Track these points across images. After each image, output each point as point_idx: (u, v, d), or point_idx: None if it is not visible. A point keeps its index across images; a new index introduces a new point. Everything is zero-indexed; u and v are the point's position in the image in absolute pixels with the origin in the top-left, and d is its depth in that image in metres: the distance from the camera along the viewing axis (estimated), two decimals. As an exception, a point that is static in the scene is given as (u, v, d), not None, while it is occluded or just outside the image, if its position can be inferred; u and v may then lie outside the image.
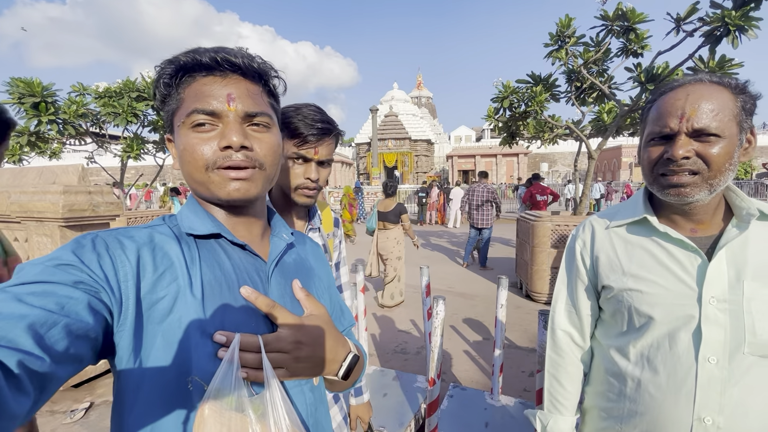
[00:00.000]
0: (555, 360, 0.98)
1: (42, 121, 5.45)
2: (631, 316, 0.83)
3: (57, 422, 2.52)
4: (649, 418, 0.78)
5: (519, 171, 32.37)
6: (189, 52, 0.56)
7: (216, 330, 0.53)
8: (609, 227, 0.89)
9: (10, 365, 0.35)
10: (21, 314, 0.38)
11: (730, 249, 0.75)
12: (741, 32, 3.61)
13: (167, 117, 0.60)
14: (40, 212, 2.83)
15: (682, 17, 4.10)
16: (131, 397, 0.50)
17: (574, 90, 5.66)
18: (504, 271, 6.77)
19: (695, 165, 0.71)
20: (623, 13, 4.66)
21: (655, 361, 0.78)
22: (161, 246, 0.55)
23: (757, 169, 30.47)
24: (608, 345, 0.89)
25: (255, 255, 0.63)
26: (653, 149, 0.77)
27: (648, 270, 0.81)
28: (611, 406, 0.87)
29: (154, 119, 7.08)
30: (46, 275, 0.44)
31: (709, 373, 0.72)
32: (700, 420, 0.72)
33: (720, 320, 0.73)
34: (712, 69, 4.08)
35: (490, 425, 2.15)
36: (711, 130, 0.69)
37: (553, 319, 1.00)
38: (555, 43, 5.26)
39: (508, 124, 6.44)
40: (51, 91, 5.54)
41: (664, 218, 0.83)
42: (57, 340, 0.40)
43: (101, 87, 6.31)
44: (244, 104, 0.57)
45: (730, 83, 0.73)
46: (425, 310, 2.57)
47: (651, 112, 0.79)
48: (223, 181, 0.57)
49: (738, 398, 0.71)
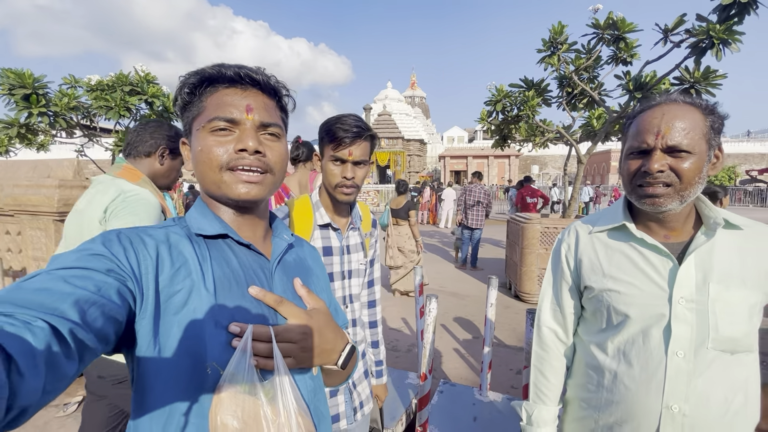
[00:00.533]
0: (540, 354, 1.05)
1: (33, 113, 5.37)
2: (609, 315, 0.90)
3: (50, 415, 2.53)
4: (624, 407, 0.85)
5: (510, 173, 32.70)
6: (215, 66, 0.62)
7: (227, 321, 0.58)
8: (592, 232, 0.97)
9: (64, 333, 0.40)
10: (68, 292, 0.44)
11: (699, 254, 0.82)
12: (725, 45, 3.75)
13: (187, 122, 0.65)
14: (35, 206, 2.82)
15: (670, 28, 4.24)
16: (151, 381, 0.55)
17: (565, 95, 5.78)
18: (494, 271, 6.88)
19: (669, 178, 0.79)
20: (614, 22, 4.79)
21: (630, 355, 0.85)
22: (176, 244, 0.60)
23: (740, 175, 31.27)
24: (589, 341, 0.96)
25: (259, 253, 0.68)
26: (632, 162, 0.84)
27: (625, 272, 0.88)
28: (590, 397, 0.94)
29: (147, 113, 7.02)
30: (83, 262, 0.49)
31: (677, 366, 0.80)
32: (668, 408, 0.80)
33: (688, 318, 0.80)
34: (697, 79, 4.23)
35: (478, 419, 2.22)
36: (683, 147, 0.77)
37: (539, 316, 1.06)
38: (548, 49, 5.37)
39: (500, 127, 6.55)
40: (42, 83, 5.46)
41: (641, 225, 0.90)
42: (96, 317, 0.45)
43: (93, 80, 6.23)
44: (260, 115, 0.63)
45: (700, 104, 0.81)
46: (417, 308, 2.64)
47: (631, 127, 0.86)
48: (234, 182, 0.62)
49: (701, 388, 0.79)
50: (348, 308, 1.27)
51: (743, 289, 0.80)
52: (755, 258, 0.82)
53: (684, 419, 0.79)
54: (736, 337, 0.79)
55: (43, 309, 0.40)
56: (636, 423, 0.84)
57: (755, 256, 0.82)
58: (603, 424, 0.90)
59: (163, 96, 6.88)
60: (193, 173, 0.67)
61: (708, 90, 4.33)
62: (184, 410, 0.55)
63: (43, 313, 0.40)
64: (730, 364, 0.80)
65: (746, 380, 0.81)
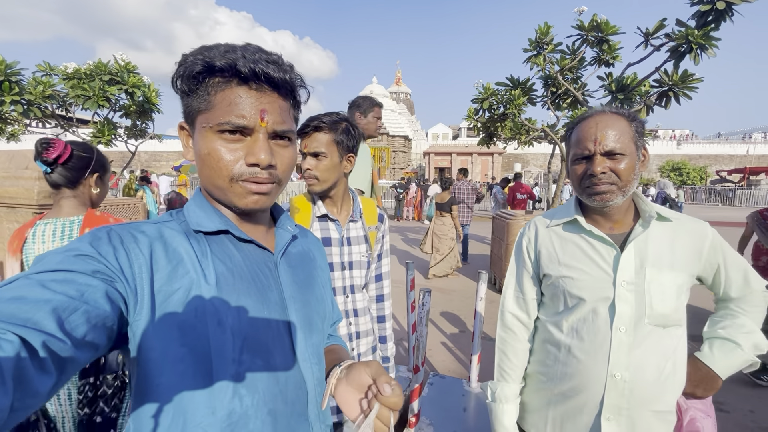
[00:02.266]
0: (503, 338, 1.15)
1: (5, 101, 5.13)
2: (565, 298, 1.01)
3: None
4: (576, 377, 0.97)
5: (493, 170, 33.18)
6: (226, 55, 0.55)
7: (232, 319, 0.55)
8: (549, 226, 1.09)
9: (35, 345, 0.37)
10: (45, 299, 0.40)
11: (637, 243, 0.95)
12: (702, 50, 3.92)
13: (189, 110, 0.59)
14: (12, 198, 2.71)
15: (651, 32, 4.39)
16: (152, 381, 0.52)
17: (550, 95, 5.92)
18: (479, 267, 7.00)
19: (610, 178, 0.92)
20: (598, 24, 4.92)
21: (582, 332, 0.97)
22: (170, 242, 0.57)
23: (711, 175, 32.66)
24: (547, 320, 1.08)
25: (262, 248, 0.65)
26: (578, 167, 0.97)
27: (577, 260, 1.00)
28: (547, 370, 1.05)
29: (126, 104, 6.80)
30: (66, 264, 0.45)
31: (620, 339, 0.92)
32: (612, 376, 0.92)
33: (628, 299, 0.93)
34: (675, 82, 4.40)
35: (467, 410, 2.28)
36: (617, 150, 0.90)
37: (503, 303, 1.17)
38: (534, 48, 5.48)
39: (486, 125, 6.65)
40: (15, 69, 5.22)
41: (590, 219, 1.02)
42: (77, 325, 0.42)
43: (70, 68, 5.99)
44: (274, 122, 0.58)
45: (625, 113, 0.95)
46: (409, 303, 2.68)
47: (572, 137, 0.99)
48: (244, 193, 0.58)
49: (639, 358, 0.91)
50: (349, 299, 1.30)
51: (672, 271, 0.93)
52: (682, 245, 0.95)
53: (625, 384, 0.91)
54: (666, 312, 0.92)
55: (14, 320, 0.37)
56: (586, 390, 0.95)
57: (682, 243, 0.96)
58: (558, 393, 1.01)
59: (144, 86, 6.68)
60: (192, 163, 0.65)
61: (685, 93, 4.51)
62: (186, 411, 0.53)
63: (14, 325, 0.37)
64: (662, 336, 0.92)
65: (675, 350, 0.94)
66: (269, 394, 0.58)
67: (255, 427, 0.57)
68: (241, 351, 0.56)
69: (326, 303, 0.77)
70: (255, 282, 0.61)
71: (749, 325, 0.99)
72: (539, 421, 1.06)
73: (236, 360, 0.55)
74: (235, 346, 0.55)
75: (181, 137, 0.63)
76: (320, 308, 0.73)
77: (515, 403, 1.11)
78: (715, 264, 0.98)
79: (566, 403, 0.99)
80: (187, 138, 0.62)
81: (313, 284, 0.73)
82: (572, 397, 0.98)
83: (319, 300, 0.73)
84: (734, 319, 1.01)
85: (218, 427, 0.54)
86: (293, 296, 0.66)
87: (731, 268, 0.98)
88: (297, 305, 0.66)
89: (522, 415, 1.13)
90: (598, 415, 0.94)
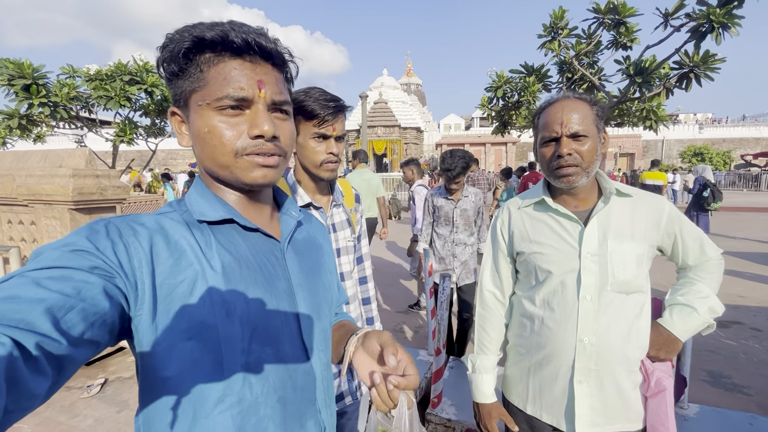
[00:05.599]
0: (482, 314, 1.24)
1: (33, 103, 5.35)
2: (536, 273, 1.09)
3: (75, 397, 2.63)
4: (549, 345, 1.05)
5: (507, 160, 32.75)
6: (215, 28, 0.53)
7: (240, 309, 0.55)
8: (520, 207, 1.17)
9: (28, 347, 0.36)
10: (39, 298, 0.39)
11: (599, 218, 1.03)
12: (724, 29, 3.80)
13: (181, 92, 0.57)
14: (49, 195, 2.86)
15: (670, 12, 4.28)
16: (160, 374, 0.52)
17: (566, 81, 5.83)
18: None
19: (575, 160, 0.98)
20: (614, 7, 4.81)
21: (553, 303, 1.05)
22: (172, 233, 0.55)
23: (735, 160, 31.50)
24: (522, 295, 1.16)
25: (268, 236, 0.64)
26: (546, 149, 1.04)
27: (546, 237, 1.08)
28: (524, 342, 1.13)
29: (146, 103, 6.99)
30: (63, 260, 0.44)
31: (586, 307, 1.00)
32: (581, 341, 1.00)
33: (593, 269, 1.00)
34: (696, 63, 4.29)
35: (488, 392, 2.34)
36: (581, 132, 0.97)
37: (481, 282, 1.25)
38: (548, 34, 5.39)
39: (501, 114, 6.60)
40: (42, 73, 5.43)
41: (558, 199, 1.10)
42: (74, 324, 0.41)
43: (92, 69, 6.19)
44: (272, 92, 0.57)
45: (586, 99, 1.02)
46: (428, 288, 2.74)
47: (540, 122, 1.06)
48: (250, 167, 0.56)
49: (605, 323, 0.99)
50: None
51: (633, 242, 1.00)
52: (642, 217, 1.03)
53: (592, 348, 0.99)
54: (628, 279, 0.99)
55: (7, 321, 0.36)
56: (558, 356, 1.04)
57: (642, 215, 1.03)
58: (534, 362, 1.09)
59: (163, 85, 6.85)
60: (190, 150, 0.64)
61: (706, 74, 4.40)
62: (196, 401, 0.53)
63: (6, 327, 0.36)
64: (625, 302, 1.00)
65: (637, 316, 1.01)
66: (279, 382, 0.59)
67: (265, 413, 0.57)
68: (251, 341, 0.55)
69: (333, 289, 0.77)
70: (262, 271, 0.60)
71: (705, 290, 1.06)
72: (522, 391, 1.15)
73: (246, 350, 0.55)
74: (245, 336, 0.55)
75: (173, 124, 0.60)
76: (327, 295, 0.73)
77: (493, 373, 1.21)
78: (672, 234, 1.05)
79: (543, 370, 1.08)
80: (180, 124, 0.60)
81: (320, 271, 0.73)
82: (547, 365, 1.06)
83: (326, 287, 0.73)
84: (692, 285, 1.08)
85: (228, 414, 0.54)
86: (301, 284, 0.65)
87: (688, 237, 1.06)
88: (305, 293, 0.65)
89: (507, 387, 1.21)
90: (571, 379, 1.02)
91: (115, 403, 2.57)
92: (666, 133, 31.15)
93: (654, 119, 5.89)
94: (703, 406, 2.13)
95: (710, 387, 2.80)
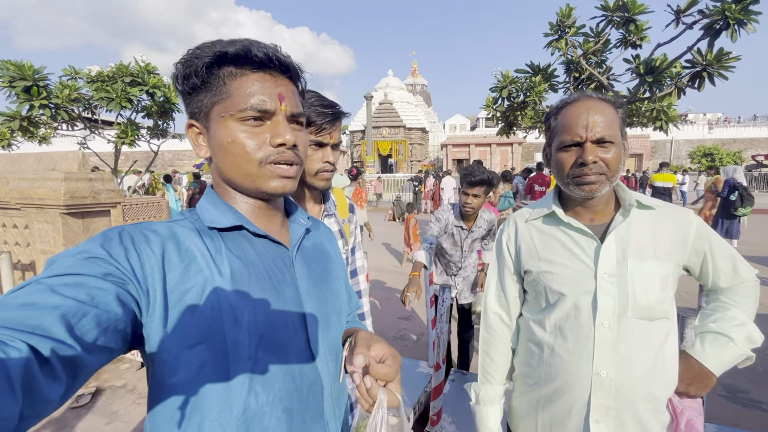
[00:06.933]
0: (486, 338, 1.12)
1: (34, 105, 5.33)
2: (546, 294, 0.96)
3: (65, 407, 2.55)
4: (561, 377, 0.92)
5: (513, 161, 32.48)
6: (236, 43, 0.56)
7: (248, 316, 0.55)
8: (528, 221, 1.04)
9: (44, 352, 0.37)
10: (54, 305, 0.40)
11: (618, 233, 0.90)
12: (740, 26, 3.65)
13: (202, 105, 0.59)
14: (41, 199, 2.80)
15: (683, 9, 4.13)
16: (169, 380, 0.53)
17: (573, 80, 5.68)
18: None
19: (600, 168, 0.87)
20: (624, 4, 4.67)
21: (565, 329, 0.92)
22: (183, 240, 0.57)
23: (746, 160, 30.94)
24: (530, 319, 1.03)
25: (277, 243, 0.65)
26: (567, 155, 0.90)
27: (557, 254, 0.96)
28: (532, 372, 1.01)
29: (148, 105, 6.95)
30: (77, 267, 0.45)
31: (603, 335, 0.87)
32: (597, 374, 0.87)
33: (611, 291, 0.88)
34: (710, 62, 4.14)
35: (491, 408, 2.22)
36: (607, 138, 0.85)
37: (486, 302, 1.12)
38: (555, 33, 5.26)
39: (506, 114, 6.47)
40: (42, 74, 5.41)
41: (570, 211, 0.97)
42: (88, 330, 0.42)
43: (94, 71, 6.16)
44: (291, 105, 0.60)
45: (611, 100, 0.90)
46: (428, 298, 2.63)
47: (557, 123, 0.92)
48: (272, 177, 0.59)
49: (625, 354, 0.86)
50: None
51: (656, 261, 0.88)
52: (665, 233, 0.90)
53: (610, 383, 0.86)
54: (651, 304, 0.86)
55: (23, 327, 0.38)
56: (571, 390, 0.90)
57: (665, 231, 0.90)
58: (544, 395, 0.97)
59: (164, 86, 6.81)
60: (207, 160, 0.62)
61: (720, 73, 4.23)
62: (203, 408, 0.53)
63: (22, 332, 0.37)
64: (648, 329, 0.87)
65: (663, 345, 0.88)
66: (284, 392, 0.58)
67: (270, 424, 0.56)
68: (257, 348, 0.56)
69: (342, 297, 0.76)
70: (270, 278, 0.61)
71: (741, 317, 0.92)
72: (530, 427, 1.02)
73: (252, 357, 0.55)
74: (251, 343, 0.55)
75: (191, 136, 0.62)
76: (336, 303, 0.72)
77: (499, 404, 1.10)
78: (701, 252, 0.93)
79: (553, 405, 0.95)
80: (197, 136, 0.62)
81: (329, 279, 0.73)
82: (559, 399, 0.94)
83: (335, 295, 0.73)
84: (725, 311, 0.94)
85: (234, 423, 0.54)
86: (309, 292, 0.66)
87: (719, 256, 0.93)
88: (313, 301, 0.66)
89: (513, 420, 1.10)
90: (587, 417, 0.89)
91: (105, 414, 2.49)
92: (675, 133, 30.66)
93: (665, 119, 5.72)
94: (722, 427, 1.99)
95: (727, 402, 2.66)
